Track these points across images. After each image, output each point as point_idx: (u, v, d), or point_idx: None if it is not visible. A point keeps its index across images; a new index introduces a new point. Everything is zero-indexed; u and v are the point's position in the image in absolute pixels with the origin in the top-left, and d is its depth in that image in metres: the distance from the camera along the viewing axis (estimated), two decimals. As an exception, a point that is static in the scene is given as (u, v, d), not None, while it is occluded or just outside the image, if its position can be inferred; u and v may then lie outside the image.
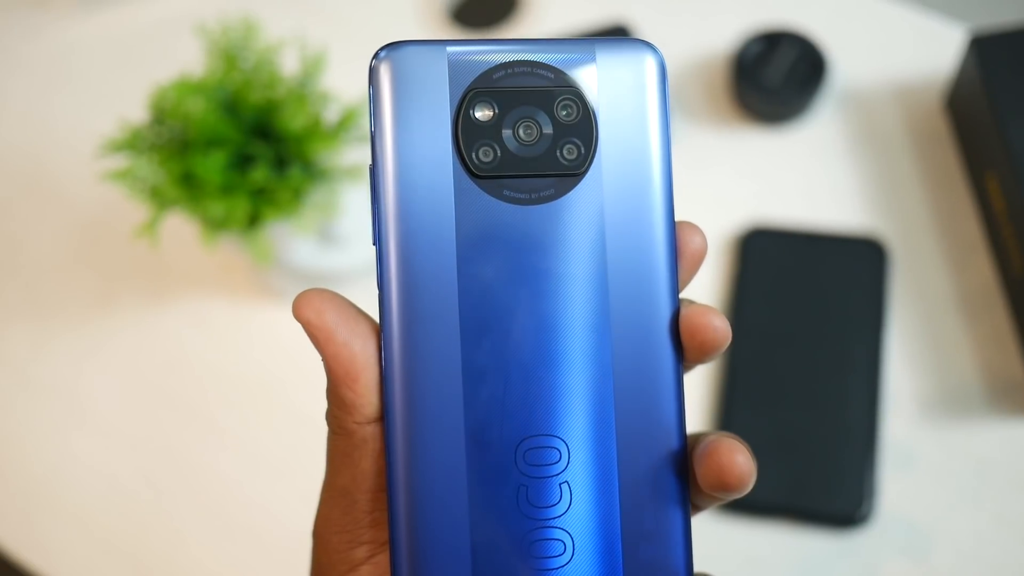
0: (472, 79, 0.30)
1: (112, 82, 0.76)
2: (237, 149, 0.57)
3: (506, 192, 0.30)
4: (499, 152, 0.30)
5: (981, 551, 0.60)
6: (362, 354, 0.30)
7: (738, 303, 0.65)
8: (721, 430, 0.61)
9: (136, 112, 0.69)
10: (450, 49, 0.30)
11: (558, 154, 0.30)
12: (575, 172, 0.30)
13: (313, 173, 0.58)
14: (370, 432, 0.31)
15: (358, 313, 0.31)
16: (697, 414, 0.64)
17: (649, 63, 0.31)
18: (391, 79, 0.30)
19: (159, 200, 0.57)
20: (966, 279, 0.65)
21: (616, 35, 0.70)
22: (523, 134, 0.30)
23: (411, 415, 0.29)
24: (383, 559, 0.32)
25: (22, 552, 0.65)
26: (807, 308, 0.64)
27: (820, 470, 0.61)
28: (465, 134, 0.30)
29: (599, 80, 0.30)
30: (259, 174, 0.55)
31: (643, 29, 0.73)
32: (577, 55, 0.30)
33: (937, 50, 0.71)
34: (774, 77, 0.68)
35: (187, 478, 0.65)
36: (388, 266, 0.30)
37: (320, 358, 0.30)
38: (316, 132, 0.57)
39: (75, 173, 0.73)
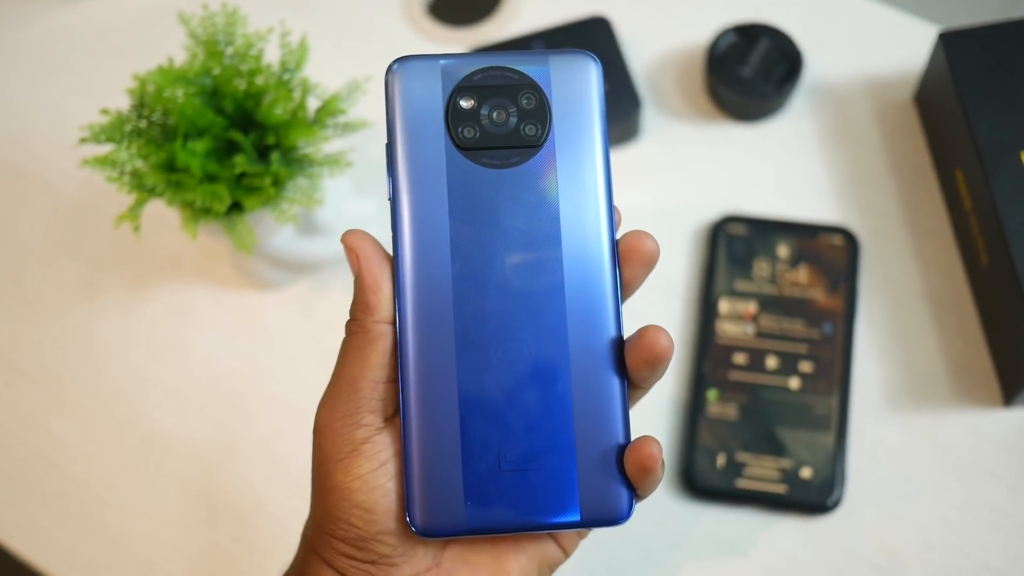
0: (458, 80, 0.41)
1: (97, 71, 0.77)
2: (219, 137, 0.58)
3: (484, 159, 0.41)
4: (478, 131, 0.41)
5: (947, 536, 0.61)
6: (384, 274, 0.41)
7: (708, 292, 0.66)
8: (692, 420, 0.63)
9: (121, 101, 0.70)
10: (442, 61, 0.41)
11: (522, 132, 0.41)
12: (535, 144, 0.41)
13: (294, 162, 0.59)
14: (383, 331, 0.40)
15: (384, 250, 0.42)
16: (669, 402, 0.65)
17: (590, 67, 0.41)
18: (400, 83, 0.41)
19: (141, 187, 0.57)
20: (934, 271, 0.67)
21: (595, 24, 0.72)
22: (496, 117, 0.41)
23: (413, 320, 0.40)
24: (379, 439, 0.40)
25: (5, 536, 0.65)
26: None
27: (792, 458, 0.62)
28: (453, 118, 0.41)
29: (552, 79, 0.41)
30: (240, 162, 0.56)
31: (621, 23, 0.74)
32: (535, 61, 0.41)
33: (909, 46, 0.72)
34: (749, 74, 0.69)
35: (170, 464, 0.66)
36: (399, 215, 0.40)
37: (352, 275, 0.41)
38: (298, 121, 0.58)
39: (59, 161, 0.74)
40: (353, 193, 0.70)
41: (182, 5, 0.74)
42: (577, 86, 0.41)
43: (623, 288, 0.41)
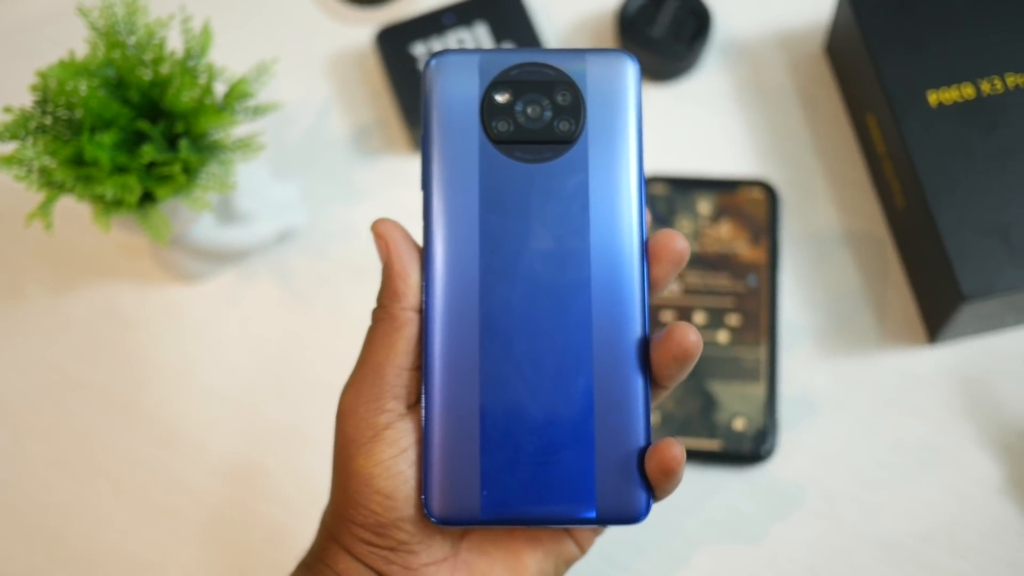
0: (494, 75, 0.41)
1: (4, 72, 0.76)
2: (126, 128, 0.57)
3: (517, 153, 0.41)
4: (512, 125, 0.41)
5: (881, 475, 0.62)
6: (413, 262, 0.41)
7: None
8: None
9: (29, 100, 0.69)
10: (479, 56, 0.42)
11: (555, 127, 0.41)
12: (568, 140, 0.41)
13: (205, 148, 0.58)
14: (410, 317, 0.41)
15: (413, 239, 0.42)
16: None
17: (626, 66, 0.42)
18: (437, 77, 0.41)
19: (50, 184, 0.57)
20: (854, 217, 0.68)
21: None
22: (530, 112, 0.41)
23: (439, 309, 0.40)
24: (401, 425, 0.41)
25: (-61, 548, 0.65)
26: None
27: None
28: (488, 112, 0.41)
29: (588, 76, 0.41)
30: (148, 152, 0.55)
31: (532, -7, 0.74)
32: (573, 59, 0.42)
33: (816, -3, 0.73)
34: (659, 35, 0.69)
35: (105, 463, 0.65)
36: (431, 204, 0.41)
37: (380, 262, 0.42)
38: (205, 107, 0.58)
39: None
40: (272, 179, 0.69)
41: (88, 1, 0.73)
42: (613, 84, 0.41)
43: (652, 287, 0.41)
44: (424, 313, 0.41)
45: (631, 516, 0.40)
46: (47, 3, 0.76)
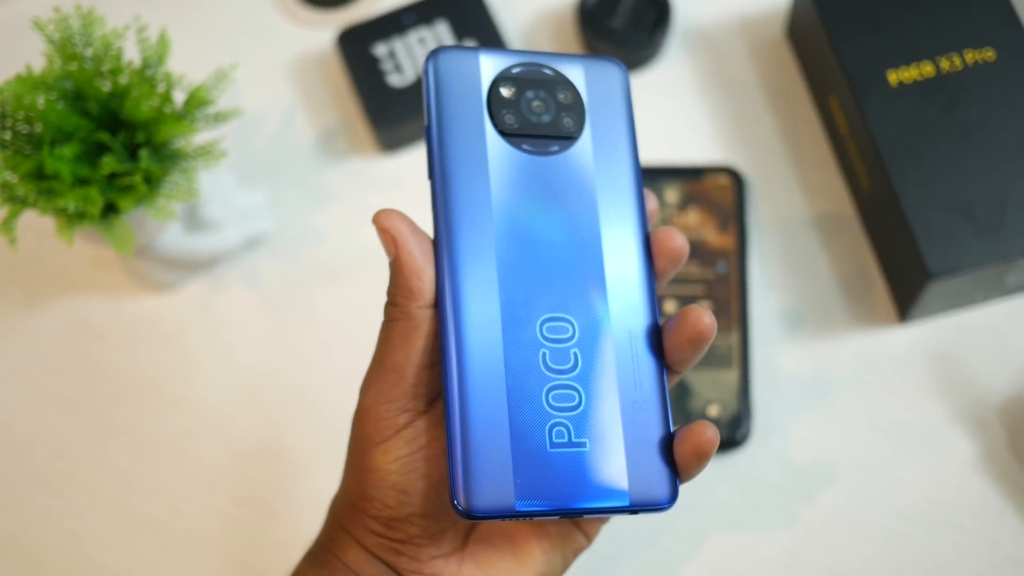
0: (499, 70, 0.43)
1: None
2: (87, 140, 0.57)
3: (525, 147, 0.42)
4: (519, 119, 0.42)
5: (856, 456, 0.62)
6: (426, 256, 0.41)
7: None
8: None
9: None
10: (482, 53, 0.43)
11: (560, 123, 0.42)
12: (571, 136, 0.42)
13: (166, 157, 0.58)
14: (427, 315, 0.40)
15: (421, 230, 0.41)
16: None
17: (618, 72, 0.44)
18: (441, 69, 0.42)
19: (12, 198, 0.56)
20: (820, 200, 0.68)
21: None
22: (535, 107, 0.42)
23: (460, 300, 0.40)
24: (420, 423, 0.41)
25: (-82, 569, 0.64)
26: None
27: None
28: (495, 104, 0.42)
29: (585, 79, 0.43)
30: (108, 163, 0.55)
31: (492, -12, 0.74)
32: (570, 63, 0.44)
33: (775, -18, 0.73)
34: (619, 25, 0.69)
35: (82, 476, 0.65)
36: (442, 195, 0.41)
37: (387, 256, 0.41)
38: (165, 116, 0.57)
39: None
40: (239, 185, 0.69)
41: (47, 15, 0.72)
42: (608, 87, 0.43)
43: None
44: (442, 306, 0.40)
45: (663, 501, 0.40)
46: (2, 18, 0.76)
